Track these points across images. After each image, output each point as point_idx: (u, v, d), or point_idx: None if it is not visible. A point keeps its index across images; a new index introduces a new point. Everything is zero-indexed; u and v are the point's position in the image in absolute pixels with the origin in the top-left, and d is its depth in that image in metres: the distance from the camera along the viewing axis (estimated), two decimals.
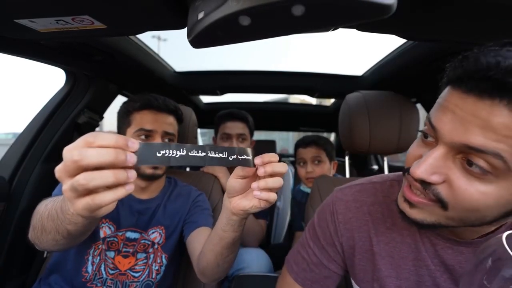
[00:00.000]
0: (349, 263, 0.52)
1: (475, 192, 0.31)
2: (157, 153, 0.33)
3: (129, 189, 0.33)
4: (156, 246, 0.79)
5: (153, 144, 0.34)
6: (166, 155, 0.34)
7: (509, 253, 0.26)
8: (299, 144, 1.32)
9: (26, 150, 0.95)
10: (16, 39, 0.61)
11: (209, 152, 0.37)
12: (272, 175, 0.41)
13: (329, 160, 1.27)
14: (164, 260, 0.79)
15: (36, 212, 0.53)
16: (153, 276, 0.77)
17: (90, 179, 0.30)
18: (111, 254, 0.75)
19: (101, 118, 1.18)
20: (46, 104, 1.02)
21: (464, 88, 0.32)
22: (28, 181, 0.94)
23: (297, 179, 1.84)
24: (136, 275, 0.75)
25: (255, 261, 1.06)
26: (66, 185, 0.31)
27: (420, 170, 0.33)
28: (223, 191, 1.10)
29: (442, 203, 0.34)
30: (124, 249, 0.76)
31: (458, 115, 0.32)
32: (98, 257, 0.73)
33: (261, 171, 0.41)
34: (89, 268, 0.73)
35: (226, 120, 1.23)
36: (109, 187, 0.32)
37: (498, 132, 0.29)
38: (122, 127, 0.80)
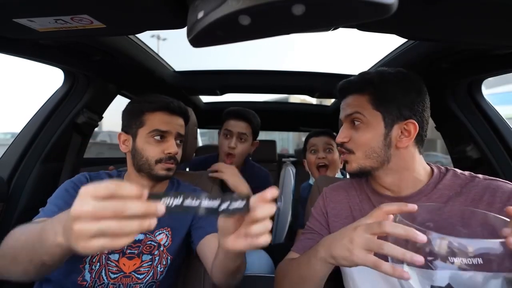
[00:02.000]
0: (333, 231, 0.69)
1: (360, 135, 0.62)
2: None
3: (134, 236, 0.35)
4: (162, 248, 0.78)
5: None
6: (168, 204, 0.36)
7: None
8: (311, 135, 1.37)
9: (25, 150, 0.94)
10: (15, 39, 0.61)
11: (203, 199, 0.37)
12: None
13: (339, 153, 1.30)
14: (168, 261, 0.78)
15: (6, 242, 0.52)
16: (157, 277, 0.76)
17: (123, 226, 0.33)
18: (115, 257, 0.74)
19: (100, 118, 1.17)
20: (45, 104, 1.02)
21: (340, 97, 0.69)
22: (27, 181, 0.94)
23: (298, 179, 1.84)
24: (141, 276, 0.75)
25: (256, 262, 1.06)
26: (92, 227, 0.33)
27: (338, 138, 0.66)
28: (223, 191, 1.10)
29: (348, 150, 0.64)
30: (128, 251, 0.75)
31: (342, 108, 0.67)
32: (98, 264, 0.72)
33: (247, 219, 0.41)
34: (87, 277, 0.71)
35: (230, 118, 1.24)
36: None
37: (353, 105, 0.64)
38: (132, 126, 0.78)
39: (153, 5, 0.45)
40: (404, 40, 0.91)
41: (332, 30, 0.52)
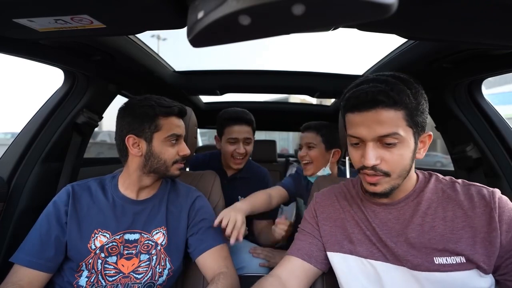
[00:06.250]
0: (323, 233, 0.71)
1: (395, 155, 0.56)
2: None
3: None
4: (159, 247, 0.79)
5: None
6: None
7: None
8: (301, 129, 1.31)
9: (25, 150, 0.94)
10: (16, 39, 0.61)
11: None
12: None
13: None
14: (167, 263, 0.79)
15: None
16: (156, 278, 0.77)
17: None
18: (112, 259, 0.74)
19: (100, 118, 1.17)
20: (45, 104, 1.02)
21: (357, 110, 0.57)
22: (27, 181, 0.94)
23: None
24: (139, 276, 0.75)
25: (254, 260, 1.06)
26: None
27: (370, 160, 0.56)
28: (224, 188, 1.10)
29: (386, 174, 0.58)
30: (126, 252, 0.75)
31: (365, 124, 0.56)
32: (93, 270, 0.73)
33: None
34: (83, 281, 0.72)
35: (233, 124, 1.22)
36: None
37: (388, 123, 0.54)
38: (145, 130, 0.77)
39: (153, 5, 0.45)
40: (404, 40, 0.91)
41: (332, 30, 0.52)
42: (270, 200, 1.12)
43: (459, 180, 0.64)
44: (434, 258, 0.56)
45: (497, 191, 0.58)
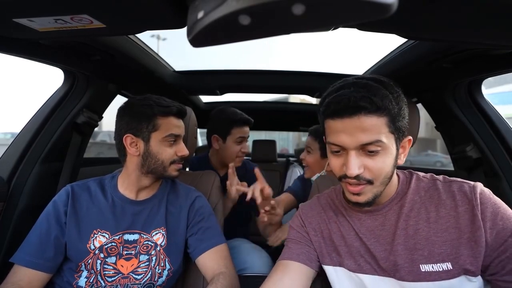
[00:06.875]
0: (314, 244, 0.69)
1: (378, 162, 0.54)
2: None
3: None
4: (158, 248, 0.79)
5: None
6: None
7: None
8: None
9: (25, 150, 0.94)
10: (15, 38, 0.61)
11: None
12: None
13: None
14: (167, 264, 0.79)
15: None
16: (155, 279, 0.77)
17: None
18: (112, 259, 0.74)
19: (100, 118, 1.17)
20: (45, 104, 1.02)
21: (339, 116, 0.54)
22: (27, 181, 0.94)
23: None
24: (139, 277, 0.75)
25: (256, 261, 1.06)
26: None
27: (352, 170, 0.54)
28: (224, 191, 1.10)
29: (369, 181, 0.56)
30: (125, 252, 0.75)
31: (347, 131, 0.53)
32: (92, 270, 0.73)
33: None
34: (82, 282, 0.72)
35: (242, 125, 1.30)
36: None
37: (370, 130, 0.52)
38: (142, 130, 0.77)
39: (153, 5, 0.45)
40: (404, 40, 0.91)
41: (332, 30, 0.52)
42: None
43: (440, 177, 0.62)
44: (420, 265, 0.55)
45: (479, 186, 0.56)
